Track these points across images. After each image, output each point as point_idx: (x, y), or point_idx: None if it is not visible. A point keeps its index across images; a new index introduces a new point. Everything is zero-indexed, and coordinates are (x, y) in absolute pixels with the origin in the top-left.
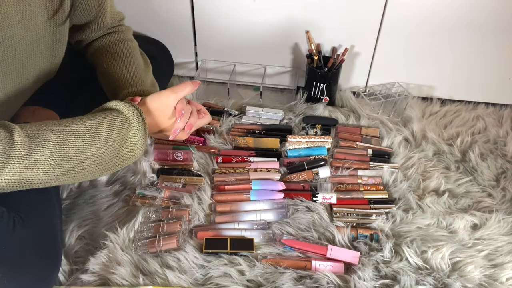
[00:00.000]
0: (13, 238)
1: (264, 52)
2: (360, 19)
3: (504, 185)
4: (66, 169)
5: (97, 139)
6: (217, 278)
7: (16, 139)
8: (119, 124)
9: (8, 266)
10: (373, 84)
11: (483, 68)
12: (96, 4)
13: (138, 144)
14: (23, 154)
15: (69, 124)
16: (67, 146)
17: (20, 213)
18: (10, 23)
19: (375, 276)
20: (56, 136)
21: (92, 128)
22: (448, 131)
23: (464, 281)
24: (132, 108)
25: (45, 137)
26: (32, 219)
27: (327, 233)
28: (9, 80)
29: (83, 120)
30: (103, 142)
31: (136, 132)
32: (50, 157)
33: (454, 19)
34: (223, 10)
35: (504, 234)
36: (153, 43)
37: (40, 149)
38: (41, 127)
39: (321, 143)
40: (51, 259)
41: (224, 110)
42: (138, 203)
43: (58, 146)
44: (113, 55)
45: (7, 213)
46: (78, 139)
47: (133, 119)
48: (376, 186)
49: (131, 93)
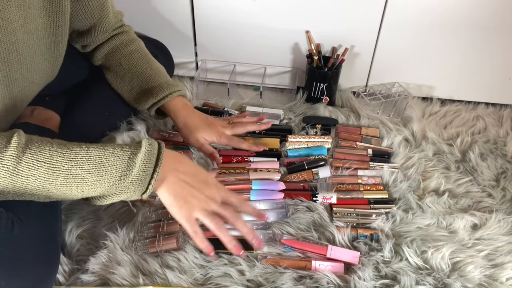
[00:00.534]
0: (11, 239)
1: (264, 52)
2: (360, 19)
3: (504, 185)
4: (54, 193)
5: (92, 169)
6: (217, 278)
7: (9, 152)
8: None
9: (6, 268)
10: (373, 84)
11: (483, 68)
12: (98, 5)
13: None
14: (10, 168)
15: (71, 147)
16: (58, 170)
17: (19, 215)
18: (14, 28)
19: (375, 276)
20: (50, 157)
21: (94, 158)
22: (448, 131)
23: (464, 281)
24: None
25: (38, 156)
26: (31, 220)
27: (327, 233)
28: (16, 85)
29: (91, 148)
30: (98, 173)
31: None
32: (37, 178)
33: (454, 19)
34: (223, 10)
35: (504, 234)
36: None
37: (28, 168)
38: (42, 145)
39: (321, 143)
40: (49, 261)
41: (224, 110)
42: (138, 203)
43: (47, 169)
44: (130, 55)
45: (6, 214)
46: (73, 163)
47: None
48: (376, 186)
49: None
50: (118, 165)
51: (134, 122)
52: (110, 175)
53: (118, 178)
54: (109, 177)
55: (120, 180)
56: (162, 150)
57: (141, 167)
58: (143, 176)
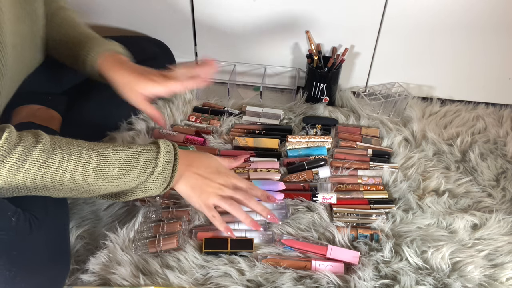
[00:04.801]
0: (29, 240)
1: (264, 52)
2: (360, 19)
3: (504, 185)
4: (81, 185)
5: (120, 164)
6: (217, 278)
7: (38, 147)
8: (147, 161)
9: (22, 267)
10: (373, 84)
11: (483, 68)
12: None
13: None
14: (40, 162)
15: (100, 145)
16: (88, 162)
17: (36, 214)
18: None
19: (375, 276)
20: (79, 151)
21: (121, 154)
22: (448, 131)
23: (464, 281)
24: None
25: (68, 150)
26: (47, 221)
27: (327, 233)
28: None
29: (116, 145)
30: (125, 169)
31: (157, 182)
32: (67, 169)
33: (454, 19)
34: (223, 10)
35: (504, 234)
36: (154, 43)
37: (59, 160)
38: (69, 141)
39: (321, 143)
40: (62, 262)
41: (224, 109)
42: (138, 203)
43: (78, 161)
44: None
45: (23, 214)
46: (101, 157)
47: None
48: (376, 186)
49: (100, 45)
50: (143, 163)
51: (134, 122)
52: (136, 172)
53: (143, 175)
54: (134, 173)
55: (145, 177)
56: (177, 150)
57: (164, 166)
58: (166, 174)
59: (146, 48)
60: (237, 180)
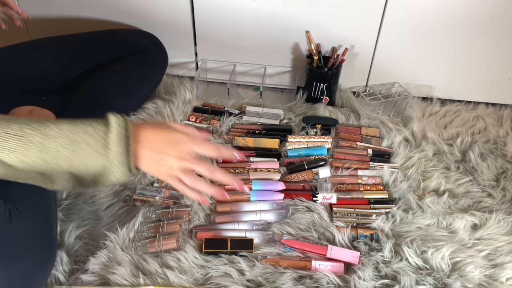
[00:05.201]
0: (8, 229)
1: (264, 52)
2: (360, 19)
3: (504, 185)
4: (31, 165)
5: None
6: (217, 278)
7: None
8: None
9: (4, 257)
10: (373, 84)
11: (483, 68)
12: None
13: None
14: None
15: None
16: (29, 141)
17: (16, 205)
18: None
19: (375, 276)
20: (19, 129)
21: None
22: (448, 131)
23: (464, 281)
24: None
25: (6, 128)
26: (28, 211)
27: (327, 233)
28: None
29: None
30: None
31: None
32: (10, 150)
33: (454, 19)
34: (223, 10)
35: (504, 234)
36: (145, 36)
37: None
38: (7, 119)
39: (321, 143)
40: (45, 251)
41: (224, 109)
42: (138, 203)
43: (18, 140)
44: None
45: (3, 204)
46: (44, 136)
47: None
48: (376, 186)
49: None
50: (92, 144)
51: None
52: (86, 153)
53: (96, 156)
54: (85, 154)
55: (100, 159)
56: (129, 126)
57: (117, 149)
58: (121, 156)
59: (136, 40)
60: (195, 145)
